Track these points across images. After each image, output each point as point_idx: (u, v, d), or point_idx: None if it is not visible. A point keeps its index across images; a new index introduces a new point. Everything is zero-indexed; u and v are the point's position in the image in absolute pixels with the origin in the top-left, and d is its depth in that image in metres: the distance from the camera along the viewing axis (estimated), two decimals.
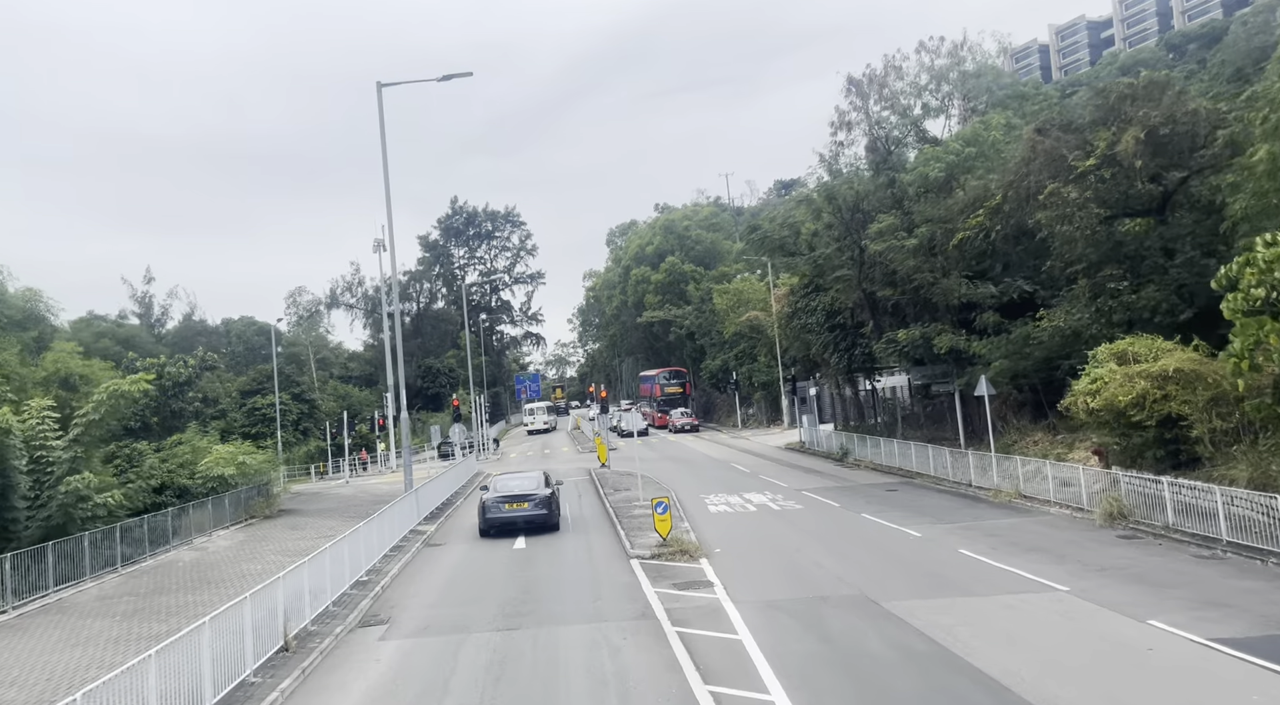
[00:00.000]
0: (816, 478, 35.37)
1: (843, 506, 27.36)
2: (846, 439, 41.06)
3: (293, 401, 75.49)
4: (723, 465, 43.55)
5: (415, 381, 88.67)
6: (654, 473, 41.19)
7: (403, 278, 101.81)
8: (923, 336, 33.46)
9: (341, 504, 38.34)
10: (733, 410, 75.37)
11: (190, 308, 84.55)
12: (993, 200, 28.68)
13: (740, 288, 68.08)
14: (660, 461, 48.15)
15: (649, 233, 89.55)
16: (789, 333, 48.13)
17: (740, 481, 35.62)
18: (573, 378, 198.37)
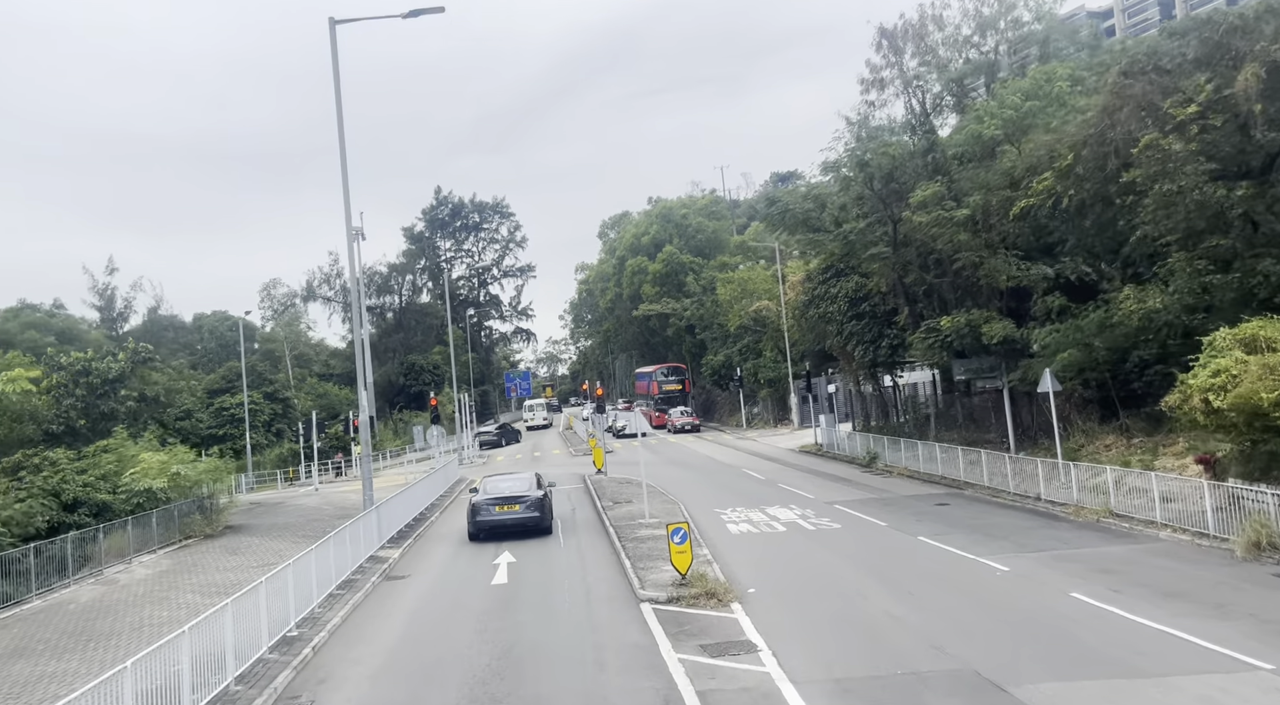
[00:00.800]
0: (846, 488, 30.76)
1: (891, 526, 22.74)
2: (874, 441, 36.47)
3: (265, 401, 70.62)
4: (733, 471, 38.91)
5: (398, 379, 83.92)
6: (657, 480, 36.54)
7: (384, 270, 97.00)
8: (968, 324, 28.88)
9: (301, 518, 33.61)
10: (736, 409, 70.75)
11: (156, 301, 79.52)
12: (1063, 160, 24.08)
13: (745, 277, 63.47)
14: (662, 466, 43.48)
15: (645, 221, 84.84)
16: (804, 323, 43.55)
17: (758, 492, 30.99)
18: (564, 376, 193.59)
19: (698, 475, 38.19)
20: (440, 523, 30.44)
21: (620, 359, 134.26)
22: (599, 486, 35.32)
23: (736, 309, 62.60)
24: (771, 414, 63.15)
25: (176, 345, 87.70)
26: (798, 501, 27.86)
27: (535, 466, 50.92)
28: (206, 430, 66.10)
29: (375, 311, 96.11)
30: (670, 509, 27.62)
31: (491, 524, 23.73)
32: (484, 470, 51.66)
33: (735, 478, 36.42)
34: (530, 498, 24.16)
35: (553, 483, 28.68)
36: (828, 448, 41.96)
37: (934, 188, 26.98)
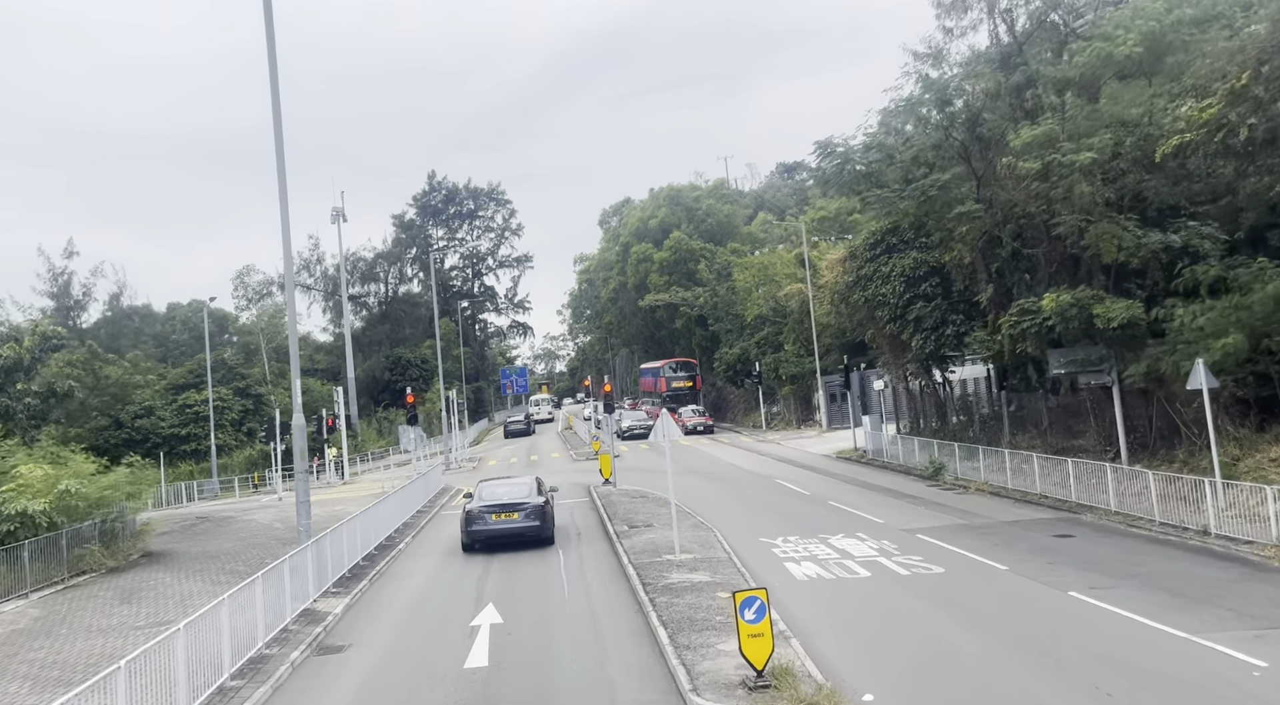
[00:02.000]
0: (920, 509, 24.65)
1: (1015, 571, 16.62)
2: (938, 449, 30.35)
3: (234, 397, 64.44)
4: (765, 483, 32.81)
5: (383, 374, 77.78)
6: (676, 492, 30.51)
7: (369, 256, 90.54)
8: (1076, 304, 22.78)
9: (243, 541, 27.46)
10: (752, 407, 64.61)
11: (119, 287, 72.95)
12: (1235, 81, 17.95)
13: (765, 261, 57.33)
14: (679, 475, 37.26)
15: (651, 205, 78.56)
16: (845, 309, 37.44)
17: (810, 514, 24.89)
18: (562, 373, 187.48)
19: (724, 488, 32.09)
20: (412, 550, 24.30)
21: (622, 354, 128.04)
22: (608, 501, 29.22)
23: (755, 297, 56.50)
24: (794, 414, 57.02)
25: (146, 337, 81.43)
26: (867, 528, 21.75)
27: (532, 472, 44.83)
28: (168, 429, 59.95)
29: (359, 301, 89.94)
30: (703, 538, 21.52)
31: (488, 534, 21.80)
32: (474, 476, 45.54)
33: (771, 491, 30.31)
34: (530, 505, 22.06)
35: (554, 487, 25.63)
36: (874, 454, 35.84)
37: (1045, 127, 20.84)
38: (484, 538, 21.89)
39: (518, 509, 21.96)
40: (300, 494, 19.04)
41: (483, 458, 57.75)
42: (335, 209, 73.20)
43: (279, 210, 20.01)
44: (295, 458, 19.39)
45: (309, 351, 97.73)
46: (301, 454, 19.16)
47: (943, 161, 24.88)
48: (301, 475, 19.18)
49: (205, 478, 56.71)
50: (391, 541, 25.15)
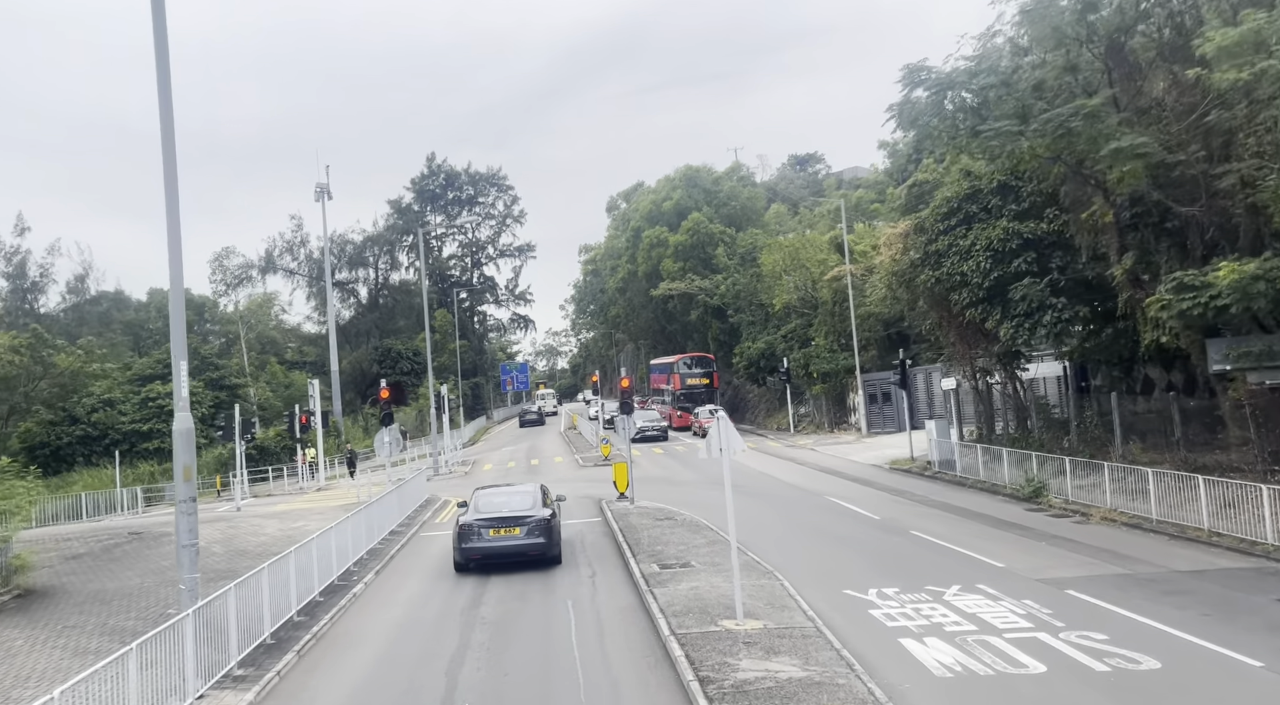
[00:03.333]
0: (1038, 544, 18.74)
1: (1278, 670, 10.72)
2: (1038, 463, 24.40)
3: (206, 390, 58.50)
4: (815, 501, 26.94)
5: (371, 367, 71.89)
6: (707, 511, 24.70)
7: (357, 239, 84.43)
8: (1263, 277, 16.90)
9: (157, 576, 21.51)
10: (775, 407, 58.71)
11: (84, 268, 66.90)
12: None
13: (796, 243, 51.35)
14: (706, 488, 31.52)
15: (665, 187, 72.52)
16: (907, 293, 31.53)
17: (894, 549, 19.02)
18: (564, 370, 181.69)
19: (767, 508, 26.23)
20: (371, 595, 18.40)
21: (627, 350, 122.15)
22: (626, 524, 23.35)
23: (784, 283, 50.59)
24: (826, 416, 51.08)
25: (119, 324, 75.60)
26: (988, 577, 15.86)
27: (532, 479, 38.97)
28: (129, 424, 54.05)
29: (347, 288, 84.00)
30: (768, 591, 15.66)
31: (485, 552, 19.21)
32: (465, 484, 39.66)
33: (828, 514, 24.42)
34: (534, 518, 19.43)
35: (561, 496, 22.65)
36: (942, 466, 29.91)
37: (1251, 23, 14.90)
38: (480, 556, 19.09)
39: (519, 523, 19.16)
40: (183, 535, 12.97)
41: (477, 461, 51.86)
42: (319, 185, 67.61)
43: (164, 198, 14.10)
44: (176, 479, 13.38)
45: (298, 343, 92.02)
46: (187, 473, 13.10)
47: (1070, 91, 18.92)
48: (186, 508, 13.08)
49: (169, 479, 50.87)
50: (347, 579, 19.24)
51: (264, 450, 54.10)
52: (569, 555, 20.72)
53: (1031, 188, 26.12)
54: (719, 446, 13.97)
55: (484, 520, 19.26)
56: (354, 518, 22.44)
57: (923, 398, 43.86)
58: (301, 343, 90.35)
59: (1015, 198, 26.51)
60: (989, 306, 26.64)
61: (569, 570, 19.19)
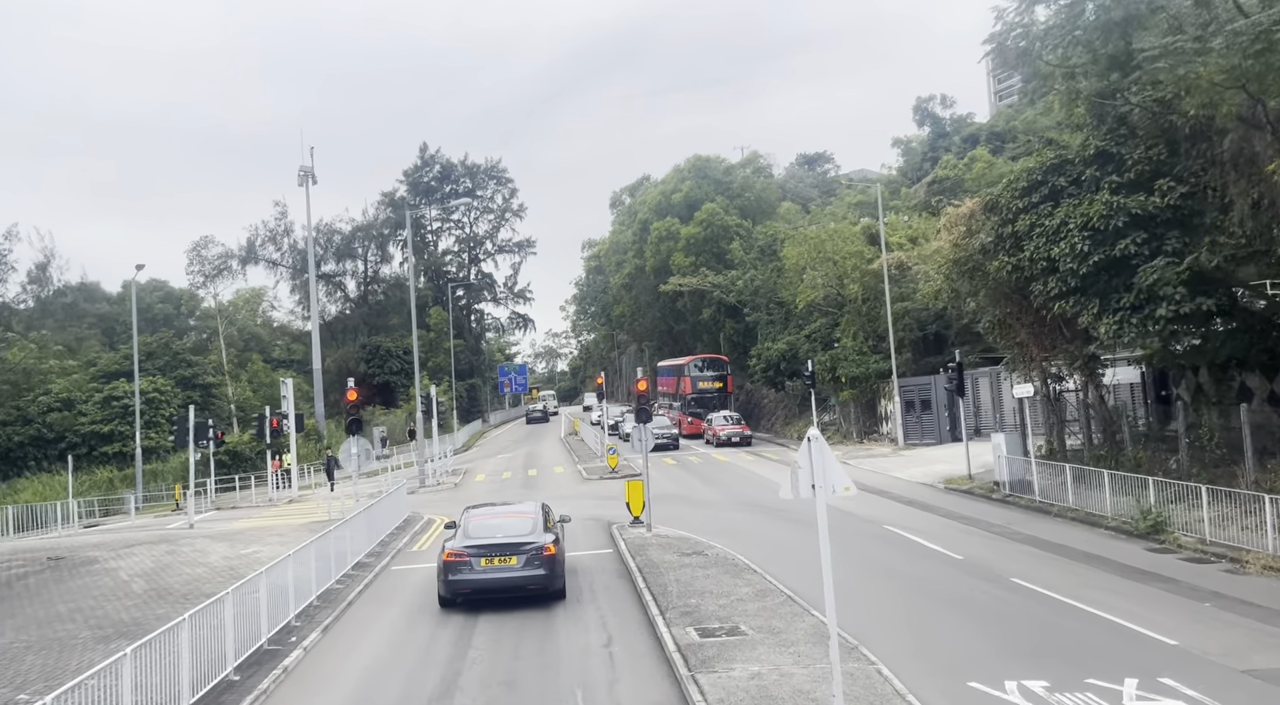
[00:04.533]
0: (1205, 607, 14.12)
1: None
2: (1155, 491, 19.77)
3: (176, 388, 53.88)
4: (874, 531, 22.31)
5: (358, 366, 67.23)
6: (744, 544, 20.11)
7: (345, 229, 79.63)
8: None
9: (42, 627, 16.83)
10: (794, 415, 54.07)
11: (45, 256, 62.11)
12: None
13: (820, 235, 46.72)
14: (734, 510, 27.01)
15: (674, 178, 67.88)
16: (970, 284, 26.94)
17: (1002, 606, 14.44)
18: (563, 372, 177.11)
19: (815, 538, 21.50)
20: (310, 668, 13.74)
21: (630, 352, 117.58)
22: (645, 560, 18.74)
23: (810, 277, 46.02)
24: (855, 425, 46.43)
25: (91, 317, 70.91)
26: (1167, 661, 11.31)
27: (532, 493, 34.36)
28: (89, 426, 49.40)
29: (333, 281, 79.34)
30: (862, 681, 11.03)
31: (476, 586, 16.27)
32: (454, 498, 35.05)
33: (896, 550, 19.79)
34: (533, 545, 16.40)
35: (564, 517, 19.71)
36: (1014, 488, 25.27)
37: None
38: (470, 590, 16.28)
39: (516, 551, 16.29)
40: None
41: (469, 470, 47.19)
42: (303, 169, 62.90)
43: None
44: None
45: (287, 340, 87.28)
46: None
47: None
48: None
49: (129, 487, 46.26)
50: (283, 641, 14.58)
51: (237, 456, 49.55)
52: (575, 603, 16.23)
53: (1139, 154, 21.54)
54: (811, 482, 9.31)
55: (475, 547, 16.28)
56: (313, 545, 17.90)
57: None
58: (290, 340, 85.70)
59: (1117, 167, 21.91)
60: (1083, 297, 22.02)
61: (576, 630, 14.62)
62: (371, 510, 24.17)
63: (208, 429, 33.11)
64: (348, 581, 19.27)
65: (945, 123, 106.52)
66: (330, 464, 40.76)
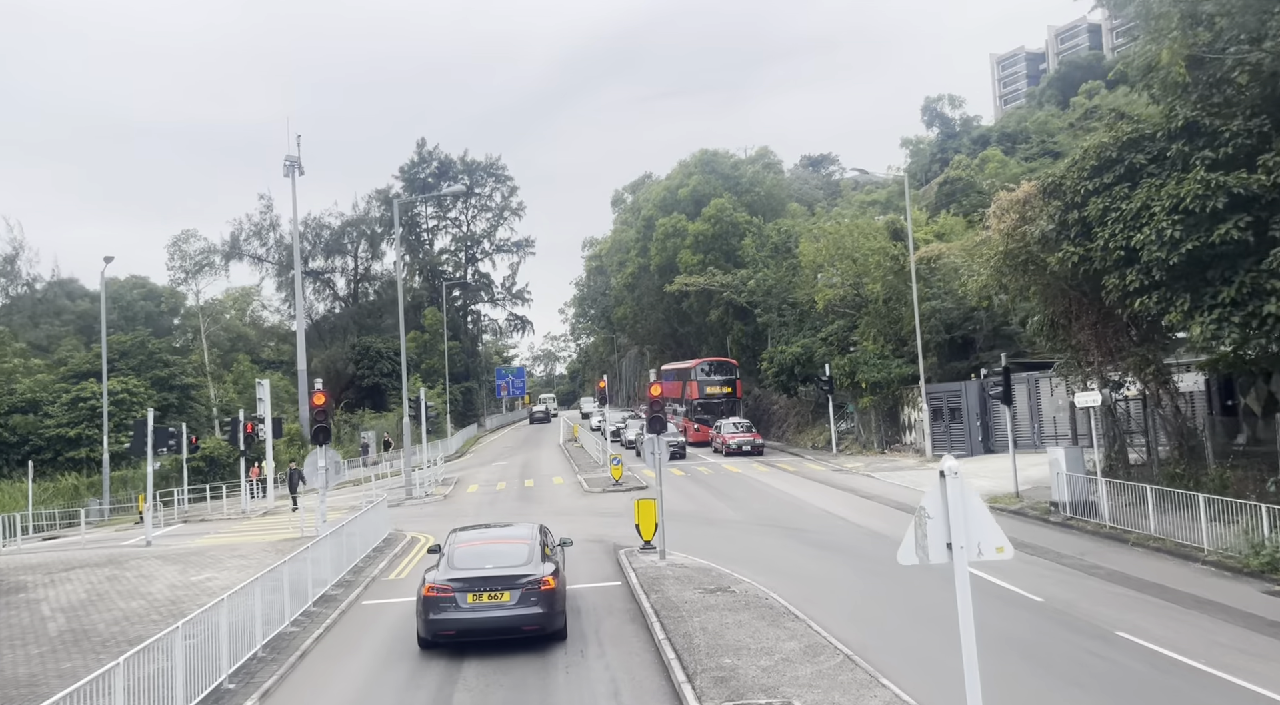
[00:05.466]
0: None
1: None
2: (1269, 523, 16.68)
3: (150, 390, 50.77)
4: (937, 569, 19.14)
5: (346, 367, 64.12)
6: (775, 577, 17.04)
7: (334, 223, 76.49)
8: None
9: None
10: (806, 422, 51.04)
11: (14, 248, 58.90)
12: None
13: (840, 229, 43.67)
14: (756, 532, 23.94)
15: (680, 173, 64.82)
16: (1025, 277, 23.92)
17: (1119, 675, 11.29)
18: (562, 376, 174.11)
19: (867, 576, 18.53)
20: None
21: (630, 355, 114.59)
22: (662, 599, 15.64)
23: (828, 275, 43.01)
24: (875, 434, 43.34)
25: (70, 314, 67.79)
26: None
27: (528, 508, 31.27)
28: (55, 429, 46.26)
29: (322, 278, 76.16)
30: None
31: (463, 627, 13.62)
32: (442, 512, 31.99)
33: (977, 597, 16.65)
34: (530, 578, 13.70)
35: (565, 540, 17.03)
36: (1076, 511, 22.17)
37: None
38: (454, 631, 13.78)
39: (510, 584, 13.81)
40: None
41: (461, 479, 44.06)
42: (289, 158, 59.81)
43: None
44: None
45: (277, 342, 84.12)
46: None
47: None
48: None
49: (96, 494, 43.16)
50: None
51: (214, 462, 46.42)
52: (579, 657, 13.21)
53: (1238, 126, 18.50)
54: (946, 539, 6.23)
55: (461, 580, 13.81)
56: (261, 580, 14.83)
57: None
58: (279, 341, 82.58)
59: (1210, 140, 18.87)
60: (1170, 292, 18.97)
61: (581, 697, 11.55)
62: (344, 531, 21.06)
63: (169, 435, 29.99)
64: (307, 621, 16.16)
65: (955, 123, 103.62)
66: (293, 478, 36.02)
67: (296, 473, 35.58)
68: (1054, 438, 33.84)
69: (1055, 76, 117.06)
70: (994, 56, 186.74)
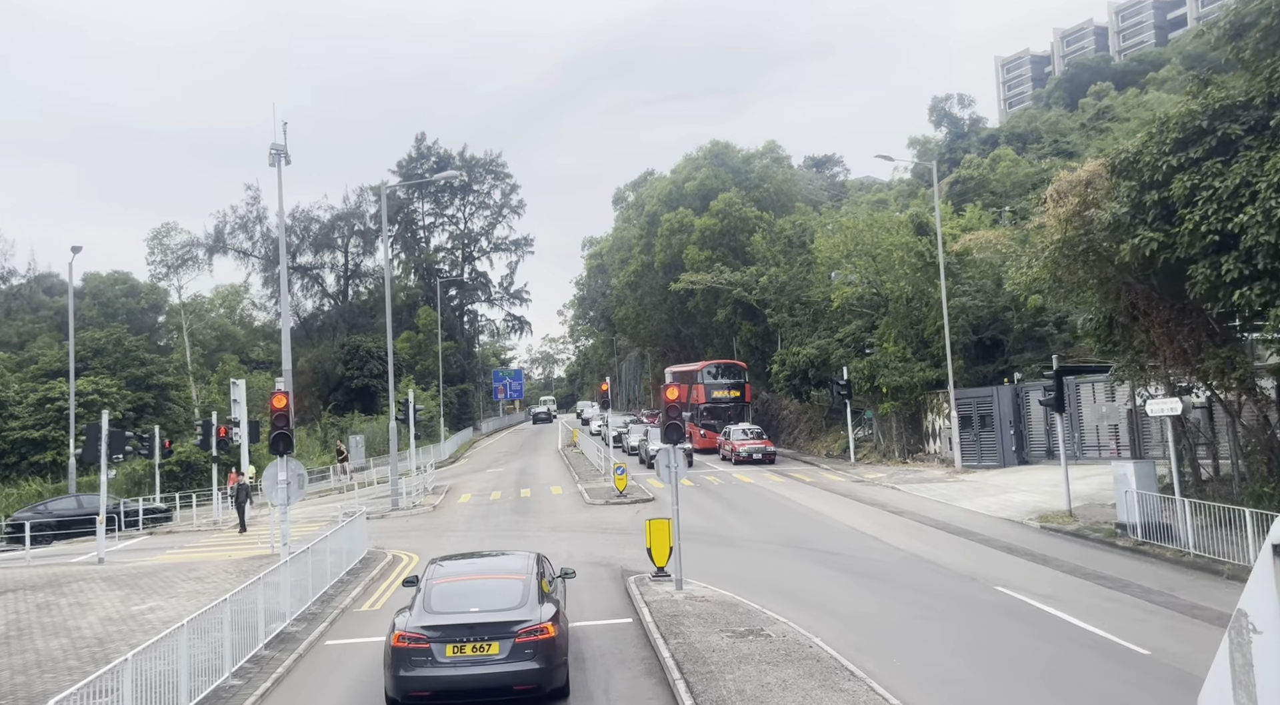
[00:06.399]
0: None
1: None
2: None
3: (125, 389, 47.97)
4: (983, 595, 16.42)
5: (334, 367, 61.31)
6: (816, 614, 14.26)
7: (324, 216, 73.62)
8: None
9: None
10: (820, 429, 48.30)
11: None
12: None
13: (857, 224, 40.97)
14: (782, 555, 21.19)
15: (687, 167, 62.05)
16: (1089, 268, 21.16)
17: None
18: (560, 378, 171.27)
19: (919, 613, 15.75)
20: None
21: (630, 358, 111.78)
22: (684, 647, 12.84)
23: (845, 271, 40.32)
24: (894, 441, 40.59)
25: (49, 310, 64.99)
26: None
27: (524, 522, 28.49)
28: (19, 431, 43.44)
29: (310, 274, 73.33)
30: None
31: (439, 686, 10.95)
32: (429, 524, 29.22)
33: (1034, 635, 13.88)
34: (524, 626, 11.14)
35: (568, 571, 14.40)
36: (1148, 534, 19.40)
37: None
38: (431, 690, 10.97)
39: (500, 633, 11.08)
40: None
41: (453, 488, 41.25)
42: (275, 147, 56.69)
43: None
44: None
45: (267, 342, 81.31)
46: None
47: None
48: None
49: None
50: None
51: (190, 467, 43.63)
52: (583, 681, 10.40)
53: None
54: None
55: (439, 628, 11.18)
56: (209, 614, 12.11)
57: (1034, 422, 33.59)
58: (270, 341, 79.77)
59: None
60: (1276, 282, 16.24)
61: None
62: (312, 552, 18.28)
63: (126, 439, 27.20)
64: (254, 670, 13.38)
65: (964, 123, 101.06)
66: (240, 494, 30.33)
67: (245, 488, 30.28)
68: (1096, 449, 31.14)
69: (1063, 78, 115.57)
70: (998, 59, 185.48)
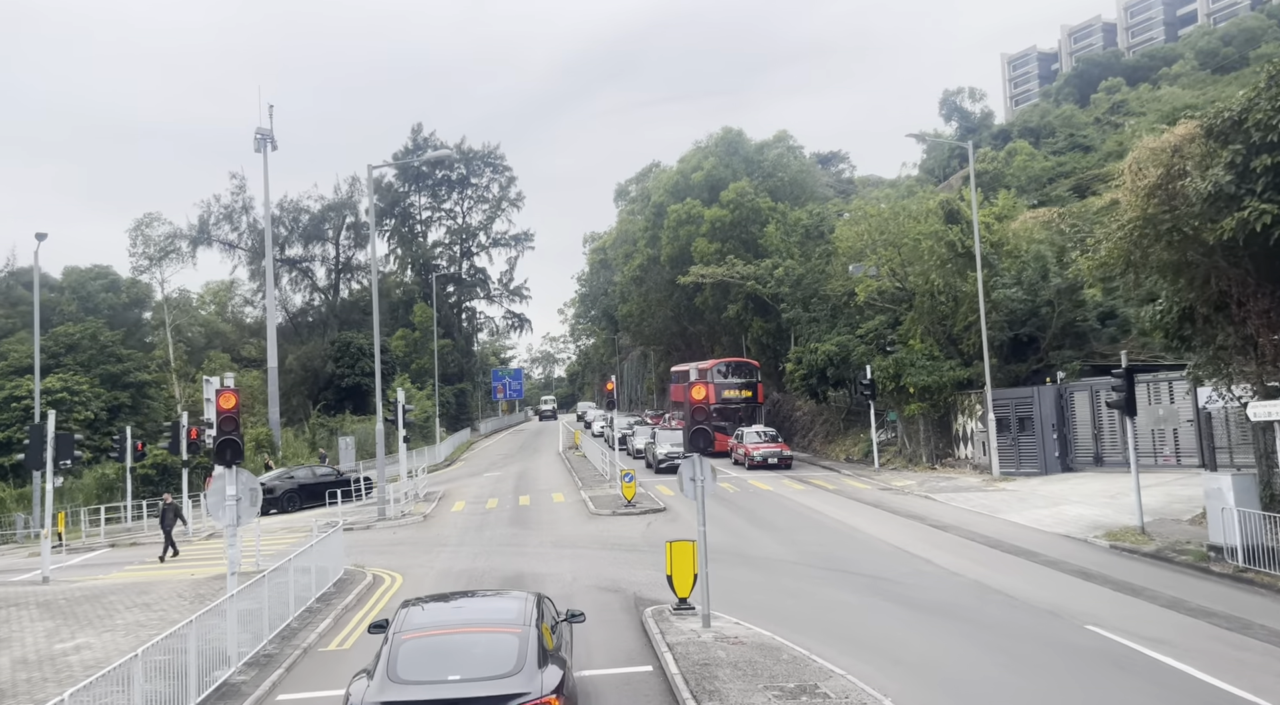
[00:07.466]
0: None
1: None
2: None
3: (99, 387, 45.17)
4: (1076, 636, 13.59)
5: (324, 365, 58.46)
6: (874, 661, 11.37)
7: (314, 207, 70.70)
8: None
9: None
10: (837, 431, 45.49)
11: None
12: None
13: (882, 212, 38.15)
14: (816, 579, 18.39)
15: (696, 155, 59.17)
16: (1171, 249, 18.33)
17: None
18: (560, 378, 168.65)
19: (1011, 659, 12.92)
20: None
21: (632, 358, 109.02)
22: (718, 700, 10.02)
23: (868, 263, 37.51)
24: (921, 446, 37.77)
25: (27, 305, 62.16)
26: None
27: (523, 535, 25.68)
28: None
29: (299, 267, 70.55)
30: None
31: None
32: (418, 537, 26.40)
33: (1161, 699, 11.07)
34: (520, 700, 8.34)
35: (575, 614, 11.62)
36: (1252, 558, 16.60)
37: None
38: None
39: None
40: None
41: (446, 494, 38.41)
42: (260, 131, 54.30)
43: None
44: None
45: (258, 340, 78.57)
46: None
47: None
48: None
49: (25, 509, 37.56)
50: None
51: (166, 470, 40.83)
52: None
53: None
54: None
55: (407, 704, 8.48)
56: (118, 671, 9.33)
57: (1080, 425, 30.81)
58: (260, 338, 77.00)
59: None
60: None
61: None
62: (272, 578, 15.48)
63: (73, 443, 24.43)
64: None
65: (974, 117, 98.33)
66: (166, 515, 25.79)
67: (172, 508, 26.04)
68: (1153, 455, 28.34)
69: (1073, 74, 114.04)
70: (1005, 56, 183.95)
